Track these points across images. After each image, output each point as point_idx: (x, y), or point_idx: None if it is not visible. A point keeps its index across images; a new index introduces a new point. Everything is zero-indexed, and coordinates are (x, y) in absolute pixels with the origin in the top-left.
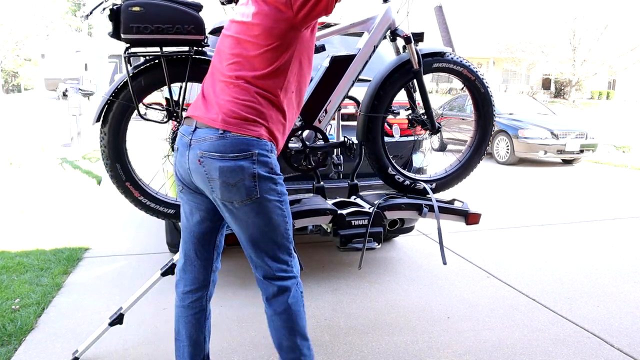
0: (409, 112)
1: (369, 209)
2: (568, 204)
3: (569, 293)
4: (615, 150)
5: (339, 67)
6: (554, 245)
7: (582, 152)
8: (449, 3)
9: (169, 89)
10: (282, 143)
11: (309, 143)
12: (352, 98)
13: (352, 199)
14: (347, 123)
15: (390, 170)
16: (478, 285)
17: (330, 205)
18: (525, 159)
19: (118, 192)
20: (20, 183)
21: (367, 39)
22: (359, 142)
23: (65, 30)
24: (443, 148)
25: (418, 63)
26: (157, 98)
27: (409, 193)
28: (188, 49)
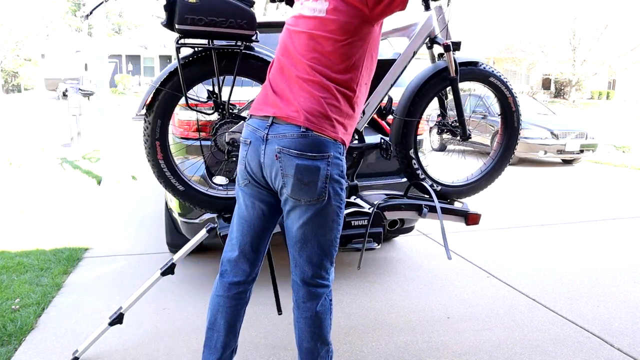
0: (440, 118)
1: (369, 209)
2: (568, 204)
3: (569, 293)
4: (615, 150)
5: (380, 70)
6: (554, 245)
7: (582, 152)
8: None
9: (218, 81)
10: (349, 142)
11: None
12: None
13: (351, 199)
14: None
15: (417, 170)
16: (478, 285)
17: None
18: (525, 159)
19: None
20: (20, 183)
21: (407, 45)
22: (394, 144)
23: (65, 30)
24: (443, 148)
25: (455, 71)
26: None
27: (439, 198)
28: (238, 43)
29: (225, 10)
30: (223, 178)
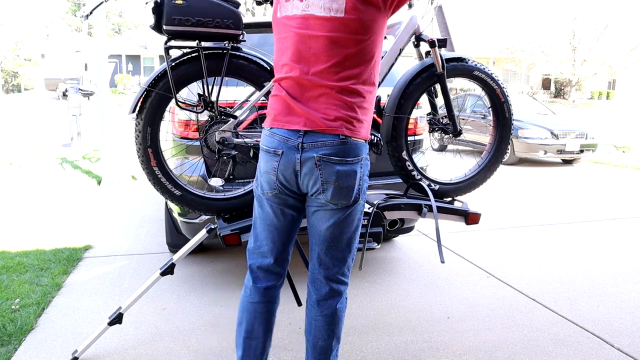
0: (430, 115)
1: (369, 209)
2: (568, 204)
3: (569, 293)
4: (615, 150)
5: None
6: (554, 245)
7: (582, 152)
8: (449, 3)
9: (206, 81)
10: None
11: None
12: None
13: None
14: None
15: (413, 172)
16: (478, 285)
17: None
18: (525, 159)
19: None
20: (20, 183)
21: (393, 43)
22: (385, 143)
23: (65, 30)
24: (443, 148)
25: (442, 67)
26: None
27: (438, 198)
28: (225, 44)
29: (212, 11)
30: (219, 180)
